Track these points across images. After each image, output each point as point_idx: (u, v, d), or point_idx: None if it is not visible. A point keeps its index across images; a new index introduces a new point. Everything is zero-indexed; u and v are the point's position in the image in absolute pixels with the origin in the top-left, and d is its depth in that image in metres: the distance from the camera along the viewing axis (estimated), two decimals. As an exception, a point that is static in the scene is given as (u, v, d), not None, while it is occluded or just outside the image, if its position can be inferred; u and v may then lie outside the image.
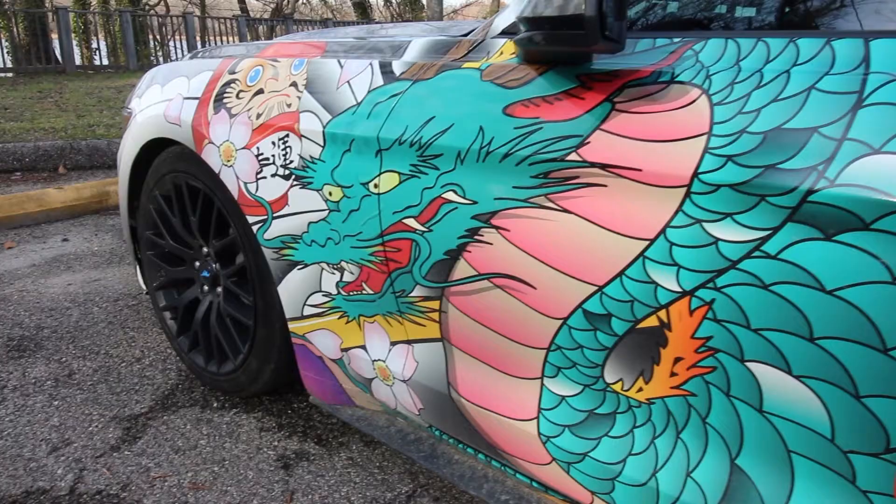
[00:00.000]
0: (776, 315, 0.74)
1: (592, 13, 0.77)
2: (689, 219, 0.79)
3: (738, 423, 0.82)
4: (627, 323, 0.87)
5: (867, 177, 0.67)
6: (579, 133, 0.88)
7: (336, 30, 1.99)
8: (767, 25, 0.89)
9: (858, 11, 0.84)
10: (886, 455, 0.71)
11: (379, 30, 1.83)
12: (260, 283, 1.47)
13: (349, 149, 1.17)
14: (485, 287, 1.02)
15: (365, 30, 1.84)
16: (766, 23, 0.89)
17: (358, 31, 1.81)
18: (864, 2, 0.83)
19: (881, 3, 0.80)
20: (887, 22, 0.80)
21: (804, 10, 0.88)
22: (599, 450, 0.96)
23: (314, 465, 1.46)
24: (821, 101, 0.72)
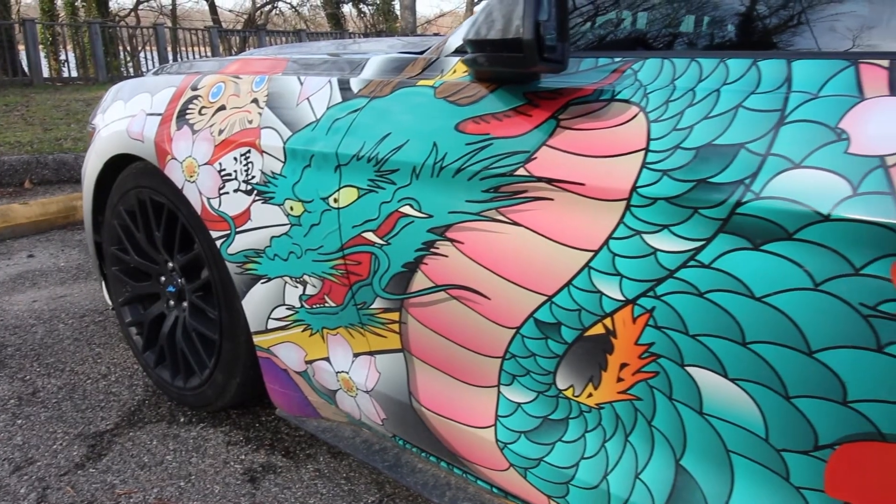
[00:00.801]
0: (711, 321, 0.78)
1: (530, 37, 0.80)
2: (629, 230, 0.83)
3: (680, 425, 0.85)
4: (576, 331, 0.91)
5: (789, 189, 0.71)
6: (527, 149, 0.92)
7: (308, 44, 2.01)
8: (701, 46, 0.93)
9: (782, 33, 0.88)
10: (816, 452, 0.75)
11: (351, 45, 1.86)
12: (225, 297, 1.48)
13: (309, 164, 1.20)
14: (442, 298, 1.05)
15: (336, 45, 1.87)
16: (701, 43, 0.94)
17: (330, 45, 1.84)
18: (787, 24, 0.88)
19: (803, 25, 0.85)
20: (806, 42, 0.84)
21: (735, 32, 0.92)
22: (554, 454, 0.99)
23: (281, 478, 1.46)
24: (747, 118, 0.76)
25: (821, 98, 0.73)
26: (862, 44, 0.79)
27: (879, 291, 0.67)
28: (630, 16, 1.00)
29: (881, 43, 0.78)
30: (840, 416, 0.72)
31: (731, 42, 0.91)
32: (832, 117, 0.71)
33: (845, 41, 0.81)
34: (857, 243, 0.67)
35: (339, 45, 1.89)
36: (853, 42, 0.80)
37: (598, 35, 1.00)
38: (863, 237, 0.67)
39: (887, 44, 0.77)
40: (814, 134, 0.71)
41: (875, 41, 0.78)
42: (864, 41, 0.79)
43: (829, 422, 0.73)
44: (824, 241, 0.69)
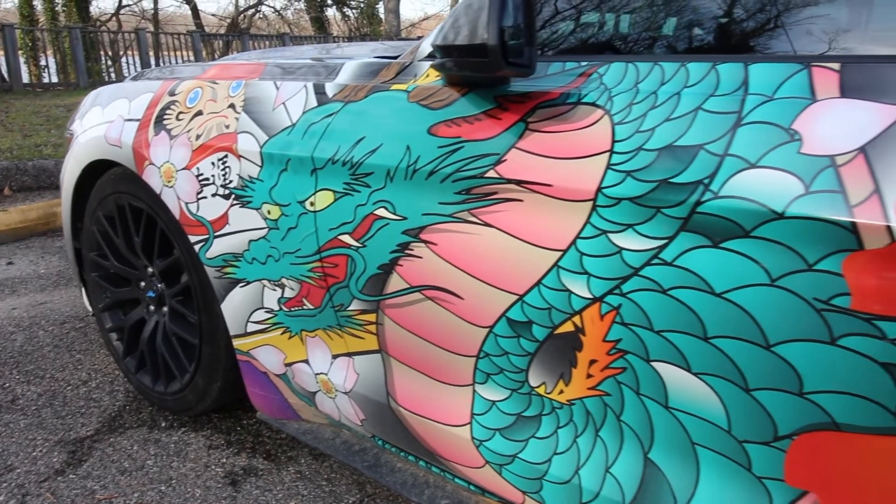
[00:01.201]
0: (674, 317, 0.80)
1: (495, 42, 0.82)
2: (596, 230, 0.85)
3: (648, 419, 0.87)
4: (546, 329, 0.93)
5: (746, 189, 0.73)
6: (497, 151, 0.94)
7: (292, 49, 2.03)
8: (664, 50, 0.96)
9: (740, 37, 0.91)
10: (775, 443, 0.77)
11: (335, 49, 1.87)
12: (204, 301, 1.48)
13: (286, 168, 1.21)
14: (417, 299, 1.07)
15: (320, 49, 1.89)
16: (663, 48, 0.96)
17: (313, 50, 1.86)
18: (745, 29, 0.91)
19: (759, 30, 0.88)
20: (762, 46, 0.87)
21: (695, 37, 0.95)
22: (528, 451, 1.01)
23: (262, 481, 1.47)
24: (707, 120, 0.78)
25: (776, 100, 0.75)
26: (815, 48, 0.82)
27: (832, 286, 0.69)
28: (597, 21, 1.02)
29: (833, 47, 0.80)
30: (797, 408, 0.74)
31: (692, 46, 0.94)
32: (786, 119, 0.73)
33: (799, 45, 0.83)
34: (810, 240, 0.70)
35: (323, 49, 1.91)
36: (807, 46, 0.83)
37: (566, 40, 1.02)
38: (815, 234, 0.69)
39: (838, 48, 0.80)
40: (769, 135, 0.74)
41: (827, 45, 0.81)
42: (816, 45, 0.82)
43: (787, 413, 0.75)
44: (779, 239, 0.72)
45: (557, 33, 1.02)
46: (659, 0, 0.97)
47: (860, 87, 0.71)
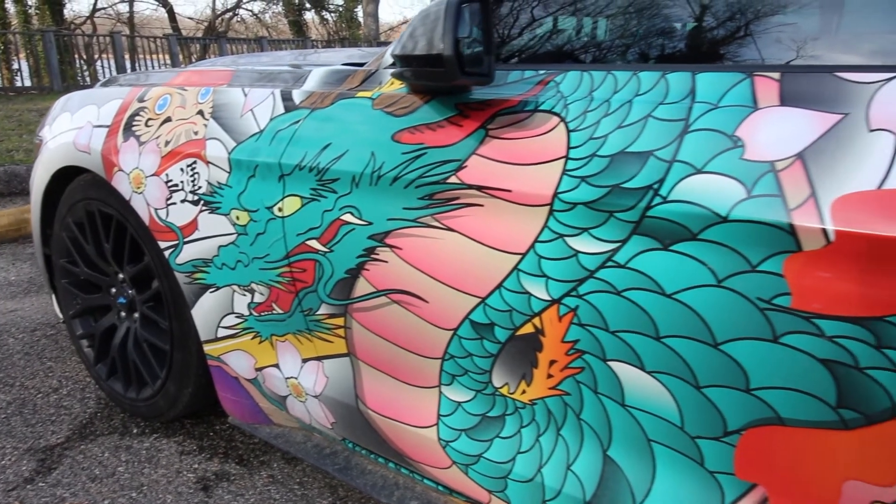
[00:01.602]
0: (628, 318, 0.83)
1: (450, 53, 0.85)
2: (553, 234, 0.87)
3: (606, 417, 0.90)
4: (508, 330, 0.95)
5: (692, 193, 0.76)
6: (458, 157, 0.96)
7: (269, 54, 2.04)
8: (617, 59, 0.99)
9: (688, 48, 0.94)
10: (725, 438, 0.80)
11: (311, 55, 1.89)
12: (175, 307, 1.49)
13: (254, 174, 1.22)
14: (383, 303, 1.08)
15: (296, 55, 1.90)
16: (616, 57, 0.99)
17: (290, 55, 1.87)
18: (692, 40, 0.94)
19: (706, 41, 0.91)
20: (709, 56, 0.91)
21: (646, 47, 0.98)
22: (492, 450, 1.03)
23: (234, 485, 1.48)
24: (656, 127, 0.81)
25: (720, 108, 0.78)
26: (757, 58, 0.85)
27: (773, 286, 0.72)
28: (555, 30, 1.05)
29: (774, 57, 0.84)
30: (744, 404, 0.77)
31: (643, 56, 0.97)
32: (730, 126, 0.76)
33: (743, 55, 0.87)
34: (753, 242, 0.73)
35: (300, 55, 1.92)
36: (750, 56, 0.86)
37: (525, 48, 1.05)
38: (757, 236, 0.72)
39: (779, 57, 0.83)
40: (714, 141, 0.77)
41: (769, 55, 0.84)
42: (759, 55, 0.85)
43: (735, 409, 0.78)
44: (724, 241, 0.75)
45: (517, 42, 1.05)
46: (613, 12, 1.00)
47: (798, 96, 0.74)
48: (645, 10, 0.96)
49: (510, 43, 1.04)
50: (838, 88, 0.72)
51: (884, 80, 0.71)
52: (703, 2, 0.92)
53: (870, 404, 0.69)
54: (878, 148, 0.68)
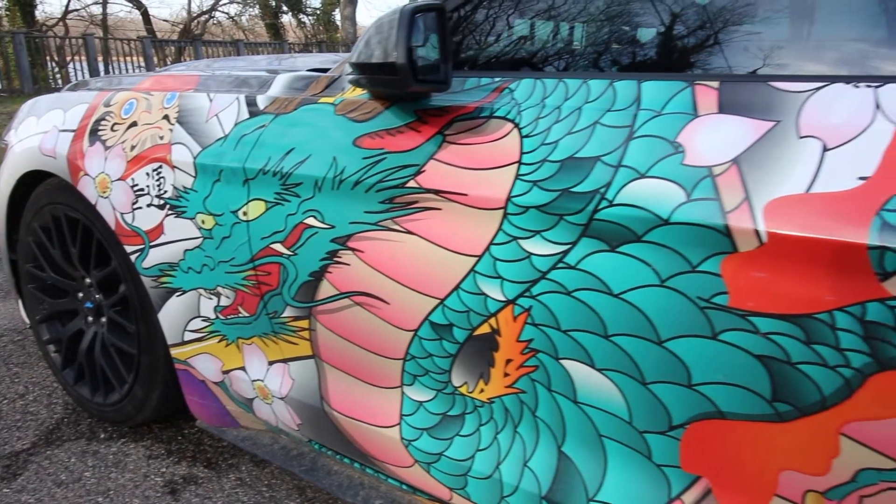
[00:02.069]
0: (579, 317, 0.86)
1: (404, 61, 0.87)
2: (507, 237, 0.90)
3: (560, 414, 0.93)
4: (466, 331, 0.97)
5: (636, 197, 0.79)
6: (417, 162, 0.98)
7: (245, 59, 2.04)
8: (569, 68, 1.02)
9: (634, 57, 0.98)
10: (670, 432, 0.83)
11: (287, 60, 1.90)
12: (142, 311, 1.49)
13: (219, 179, 1.23)
14: (346, 305, 1.10)
15: (271, 60, 1.91)
16: (568, 65, 1.03)
17: (264, 60, 1.88)
18: (639, 49, 0.98)
19: (652, 50, 0.95)
20: (654, 65, 0.94)
21: (596, 56, 1.01)
22: (453, 448, 1.05)
23: (202, 489, 1.48)
24: (604, 133, 0.84)
25: (663, 115, 0.82)
26: (698, 67, 0.89)
27: (712, 286, 0.76)
28: (510, 39, 1.08)
29: (713, 66, 0.87)
30: (687, 399, 0.81)
31: (593, 64, 1.00)
32: (671, 132, 0.80)
33: (685, 64, 0.90)
34: (693, 243, 0.76)
35: (275, 59, 1.94)
36: (692, 65, 0.90)
37: (482, 56, 1.08)
38: (697, 238, 0.76)
39: (718, 67, 0.87)
40: (656, 147, 0.80)
41: (709, 65, 0.88)
42: (700, 64, 0.89)
43: (678, 404, 0.81)
44: (667, 243, 0.78)
45: (474, 50, 1.08)
46: (565, 21, 1.03)
47: (735, 104, 0.78)
48: (595, 21, 1.00)
49: (468, 51, 1.07)
50: (771, 97, 0.76)
51: (813, 89, 0.74)
52: (649, 14, 0.95)
53: (801, 398, 0.73)
54: (807, 154, 0.71)
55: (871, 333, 0.68)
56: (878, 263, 0.66)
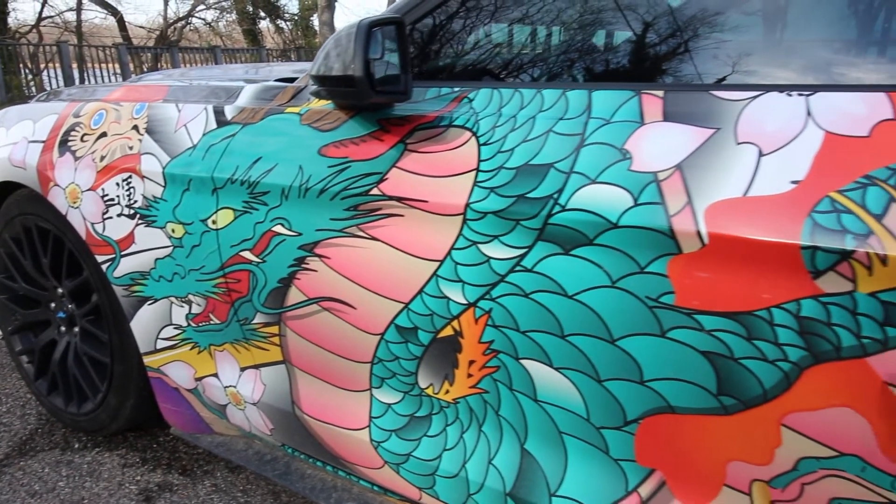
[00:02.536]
0: (536, 318, 0.89)
1: (361, 74, 0.90)
2: (467, 241, 0.93)
3: (521, 413, 0.96)
4: (430, 333, 1.00)
5: (587, 202, 0.83)
6: (380, 170, 1.01)
7: (221, 67, 2.06)
8: (525, 78, 1.05)
9: (586, 67, 1.02)
10: (625, 427, 0.87)
11: (264, 68, 1.92)
12: (114, 320, 1.50)
13: (188, 188, 1.25)
14: (315, 310, 1.12)
15: (250, 68, 1.93)
16: (524, 76, 1.06)
17: (242, 69, 1.90)
18: (590, 60, 1.01)
19: (602, 61, 0.98)
20: (605, 75, 0.98)
21: (549, 66, 1.05)
22: (421, 449, 1.08)
23: (177, 496, 1.49)
24: (557, 141, 0.88)
25: (612, 123, 0.85)
26: (646, 76, 0.92)
27: (660, 286, 0.79)
28: (469, 50, 1.11)
29: (659, 76, 0.91)
30: (640, 395, 0.84)
31: (547, 75, 1.04)
32: (620, 139, 0.83)
33: (633, 74, 0.94)
34: (641, 246, 0.80)
35: (252, 68, 1.95)
36: (639, 75, 0.93)
37: (443, 67, 1.11)
38: (644, 241, 0.79)
39: (664, 76, 0.91)
40: (606, 154, 0.83)
41: (655, 75, 0.92)
42: (647, 74, 0.93)
43: (632, 400, 0.85)
44: (616, 245, 0.81)
45: (435, 61, 1.11)
46: (522, 33, 1.07)
47: (678, 113, 0.82)
48: (549, 33, 1.03)
49: (429, 61, 1.10)
50: (712, 106, 0.80)
51: (750, 98, 0.78)
52: (599, 26, 0.99)
53: (745, 391, 0.77)
54: (744, 159, 0.75)
55: (805, 329, 0.72)
56: (811, 262, 0.70)
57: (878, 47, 0.85)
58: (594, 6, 0.98)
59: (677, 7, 0.91)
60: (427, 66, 1.10)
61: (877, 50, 0.85)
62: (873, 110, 0.71)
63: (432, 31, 1.09)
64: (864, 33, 0.84)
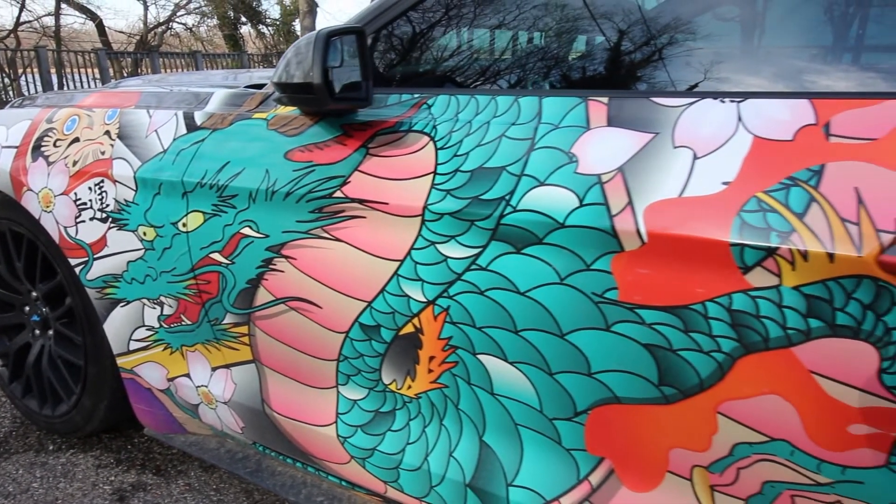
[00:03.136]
0: (491, 314, 0.93)
1: (319, 81, 0.94)
2: (426, 242, 0.97)
3: (479, 406, 1.00)
4: (392, 331, 1.04)
5: (537, 203, 0.87)
6: (343, 174, 1.05)
7: (199, 73, 2.08)
8: (480, 84, 1.10)
9: (538, 75, 1.06)
10: (576, 418, 0.91)
11: (243, 74, 1.94)
12: (87, 322, 1.52)
13: (159, 192, 1.28)
14: (282, 310, 1.16)
15: (228, 74, 1.96)
16: (480, 82, 1.10)
17: (222, 75, 1.93)
18: (542, 68, 1.06)
19: (553, 69, 1.03)
20: (555, 82, 1.03)
21: (504, 74, 1.09)
22: (385, 443, 1.11)
23: (150, 495, 1.51)
24: (509, 145, 0.92)
25: (561, 128, 0.90)
26: (592, 83, 0.97)
27: (604, 282, 0.84)
28: (429, 58, 1.15)
29: (605, 83, 0.96)
30: (588, 386, 0.88)
31: (502, 82, 1.08)
32: (567, 143, 0.88)
33: (581, 82, 0.99)
34: (586, 244, 0.84)
35: (230, 74, 1.98)
36: (587, 82, 0.98)
37: (404, 74, 1.15)
38: (590, 239, 0.84)
39: (609, 84, 0.95)
40: (554, 158, 0.88)
41: (600, 82, 0.97)
42: (594, 81, 0.97)
43: (581, 391, 0.89)
44: (564, 244, 0.86)
45: (396, 68, 1.15)
46: (477, 43, 1.11)
47: (621, 118, 0.86)
48: (504, 42, 1.08)
49: (391, 69, 1.14)
50: (652, 111, 0.85)
51: (686, 104, 0.83)
52: (549, 37, 1.03)
53: (683, 381, 0.81)
54: (680, 162, 0.80)
55: (737, 321, 0.76)
56: (740, 258, 0.75)
57: (802, 57, 0.91)
58: (545, 19, 1.03)
59: (622, 20, 0.96)
60: (389, 73, 1.14)
61: (802, 59, 0.90)
62: (797, 116, 0.76)
63: (393, 40, 1.13)
64: (790, 43, 0.89)
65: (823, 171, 0.72)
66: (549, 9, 1.02)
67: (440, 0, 1.06)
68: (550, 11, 1.02)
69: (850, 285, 0.70)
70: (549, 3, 1.01)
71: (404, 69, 1.15)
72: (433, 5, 1.07)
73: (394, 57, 1.14)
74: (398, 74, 1.14)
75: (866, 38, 0.88)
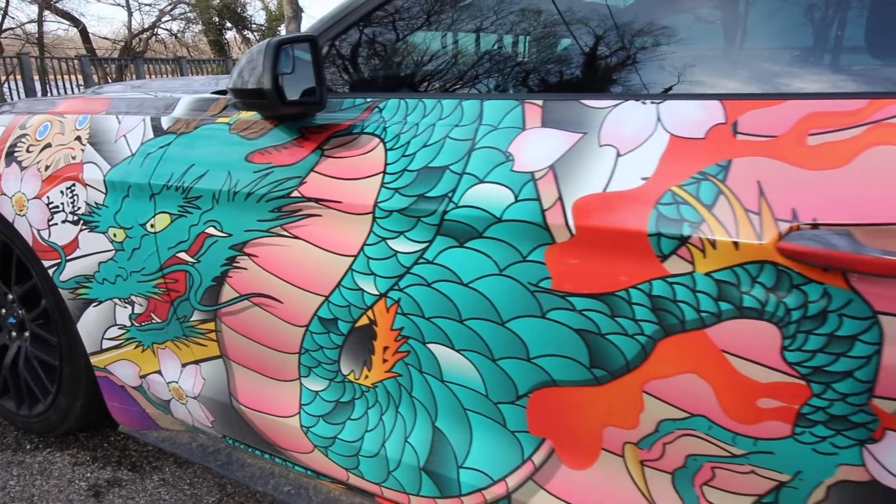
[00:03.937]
0: (438, 305, 0.99)
1: (269, 87, 0.99)
2: (377, 237, 1.02)
3: (431, 393, 1.05)
4: (348, 323, 1.09)
5: (476, 199, 0.93)
6: (300, 174, 1.10)
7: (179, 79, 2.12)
8: (429, 89, 1.16)
9: (480, 79, 1.12)
10: (518, 401, 0.97)
11: (224, 79, 1.99)
12: (62, 322, 1.56)
13: (127, 194, 1.32)
14: (246, 306, 1.21)
15: (211, 79, 2.00)
16: (428, 87, 1.16)
17: (202, 81, 1.97)
18: (484, 73, 1.12)
19: (495, 74, 1.09)
20: (497, 86, 1.09)
21: (451, 79, 1.15)
22: (345, 432, 1.16)
23: (125, 490, 1.55)
24: (452, 146, 0.98)
25: (499, 129, 0.95)
26: (529, 87, 1.03)
27: (539, 272, 0.89)
28: (381, 63, 1.21)
29: (540, 86, 1.02)
30: (528, 371, 0.94)
31: (447, 86, 1.14)
32: (504, 143, 0.94)
33: (519, 85, 1.05)
34: (522, 237, 0.90)
35: (212, 79, 2.03)
36: (524, 85, 1.04)
37: (358, 79, 1.21)
38: (525, 233, 0.89)
39: (544, 87, 1.01)
40: (492, 157, 0.94)
41: (536, 86, 1.03)
42: (531, 85, 1.03)
43: (521, 376, 0.95)
44: (502, 237, 0.91)
45: (350, 74, 1.20)
46: (425, 50, 1.17)
47: (554, 119, 0.92)
48: (449, 49, 1.13)
49: (345, 74, 1.20)
50: (581, 113, 0.91)
51: (612, 105, 0.89)
52: (491, 42, 1.09)
53: (611, 363, 0.87)
54: (605, 160, 0.86)
55: (657, 306, 0.82)
56: (658, 247, 0.81)
57: (716, 60, 0.97)
58: (485, 26, 1.09)
59: (555, 27, 1.02)
60: (345, 78, 1.19)
61: (715, 62, 0.97)
62: (709, 116, 0.83)
63: (348, 48, 1.18)
64: (706, 46, 0.96)
65: (730, 166, 0.79)
66: (490, 16, 1.08)
67: (389, 12, 1.12)
68: (491, 19, 1.08)
69: (754, 270, 0.76)
70: (490, 12, 1.07)
71: (358, 75, 1.20)
72: (384, 17, 1.13)
73: (349, 63, 1.19)
74: (353, 80, 1.20)
75: (775, 41, 0.95)
